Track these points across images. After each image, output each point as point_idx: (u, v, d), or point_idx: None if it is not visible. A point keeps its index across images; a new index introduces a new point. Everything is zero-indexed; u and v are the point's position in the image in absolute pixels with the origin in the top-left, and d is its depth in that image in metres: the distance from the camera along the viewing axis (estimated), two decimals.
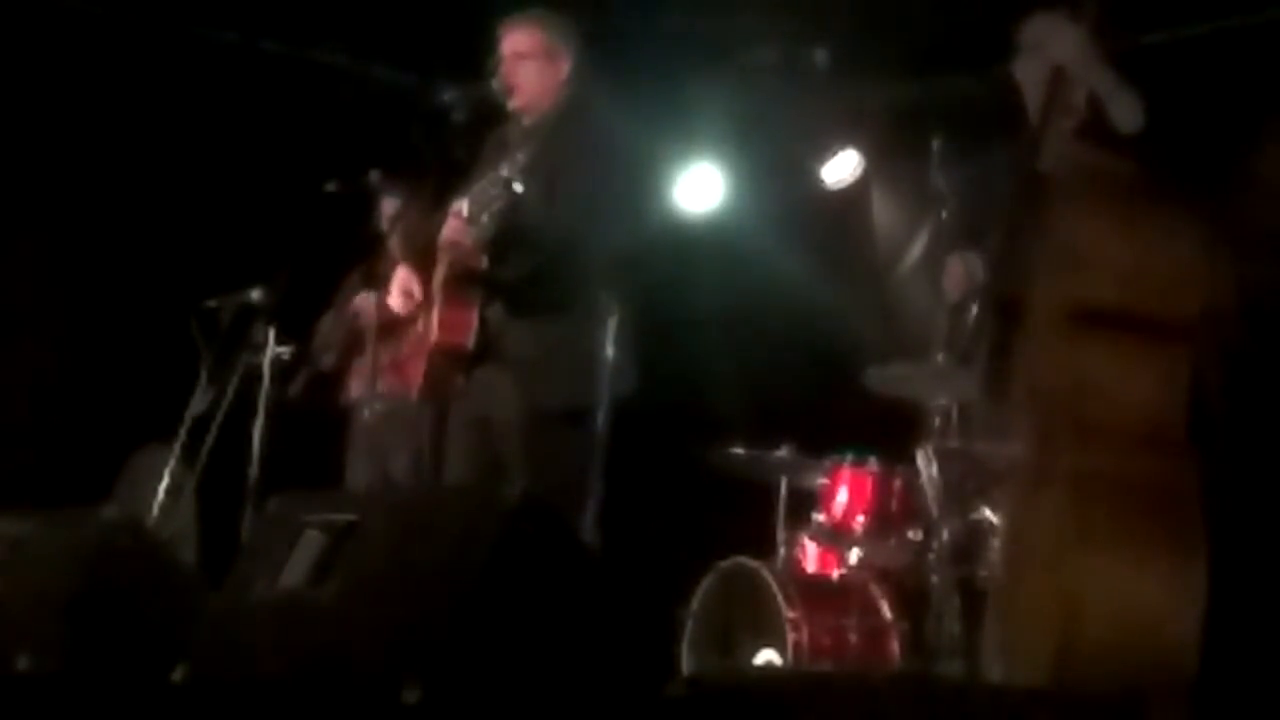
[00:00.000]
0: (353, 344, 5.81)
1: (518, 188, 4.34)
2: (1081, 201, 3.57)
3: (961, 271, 4.09)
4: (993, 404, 4.01)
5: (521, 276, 4.53)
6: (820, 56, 6.73)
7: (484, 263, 4.54)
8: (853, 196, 7.14)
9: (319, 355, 5.90)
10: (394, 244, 5.41)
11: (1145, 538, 3.37)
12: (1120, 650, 3.30)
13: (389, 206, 5.90)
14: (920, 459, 4.96)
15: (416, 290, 4.80)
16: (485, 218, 4.40)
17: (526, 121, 4.77)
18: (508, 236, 4.45)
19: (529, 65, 4.73)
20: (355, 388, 5.78)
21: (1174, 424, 3.46)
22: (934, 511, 4.92)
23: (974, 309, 3.95)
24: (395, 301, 4.87)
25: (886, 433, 5.47)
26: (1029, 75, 3.95)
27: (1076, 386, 3.49)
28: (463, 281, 4.58)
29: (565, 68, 4.76)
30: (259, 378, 5.50)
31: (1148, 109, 3.75)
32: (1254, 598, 3.64)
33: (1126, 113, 3.75)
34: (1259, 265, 3.85)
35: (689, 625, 5.47)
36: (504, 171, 4.36)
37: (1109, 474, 3.42)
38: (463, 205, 4.52)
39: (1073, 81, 3.79)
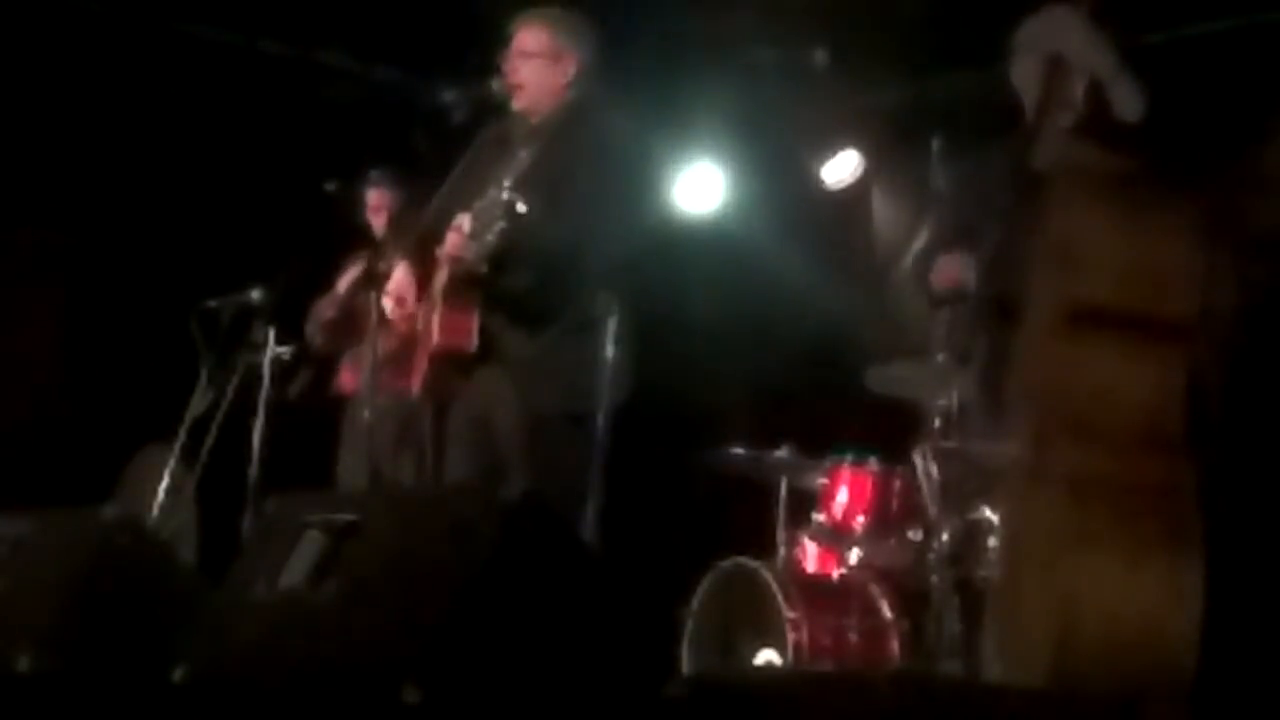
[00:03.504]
0: (342, 333, 5.82)
1: (520, 209, 4.33)
2: (1078, 200, 3.57)
3: (953, 269, 4.08)
4: (991, 404, 4.01)
5: (522, 286, 4.53)
6: (820, 56, 6.73)
7: (484, 270, 4.53)
8: (853, 196, 7.14)
9: (310, 339, 5.91)
10: (392, 242, 5.42)
11: (1142, 537, 3.37)
12: (1117, 650, 3.30)
13: (374, 198, 5.93)
14: (917, 459, 4.96)
15: (410, 299, 4.79)
16: (488, 236, 4.39)
17: (531, 121, 4.77)
18: (510, 251, 4.44)
19: (532, 64, 4.73)
20: (349, 381, 5.78)
21: (1171, 423, 3.45)
22: (932, 512, 4.92)
23: (971, 309, 3.95)
24: (388, 306, 4.86)
25: (886, 433, 5.47)
26: (1025, 75, 3.95)
27: (1073, 386, 3.49)
28: (464, 286, 4.58)
29: (570, 69, 4.74)
30: (259, 378, 5.50)
31: (1150, 100, 3.74)
32: (1254, 598, 3.64)
33: (1129, 99, 3.74)
34: (1259, 265, 3.85)
35: (689, 625, 5.46)
36: (505, 192, 4.35)
37: (1105, 474, 3.41)
38: (465, 220, 4.51)
39: (1070, 73, 3.78)
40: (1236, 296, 3.76)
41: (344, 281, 5.94)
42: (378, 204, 5.96)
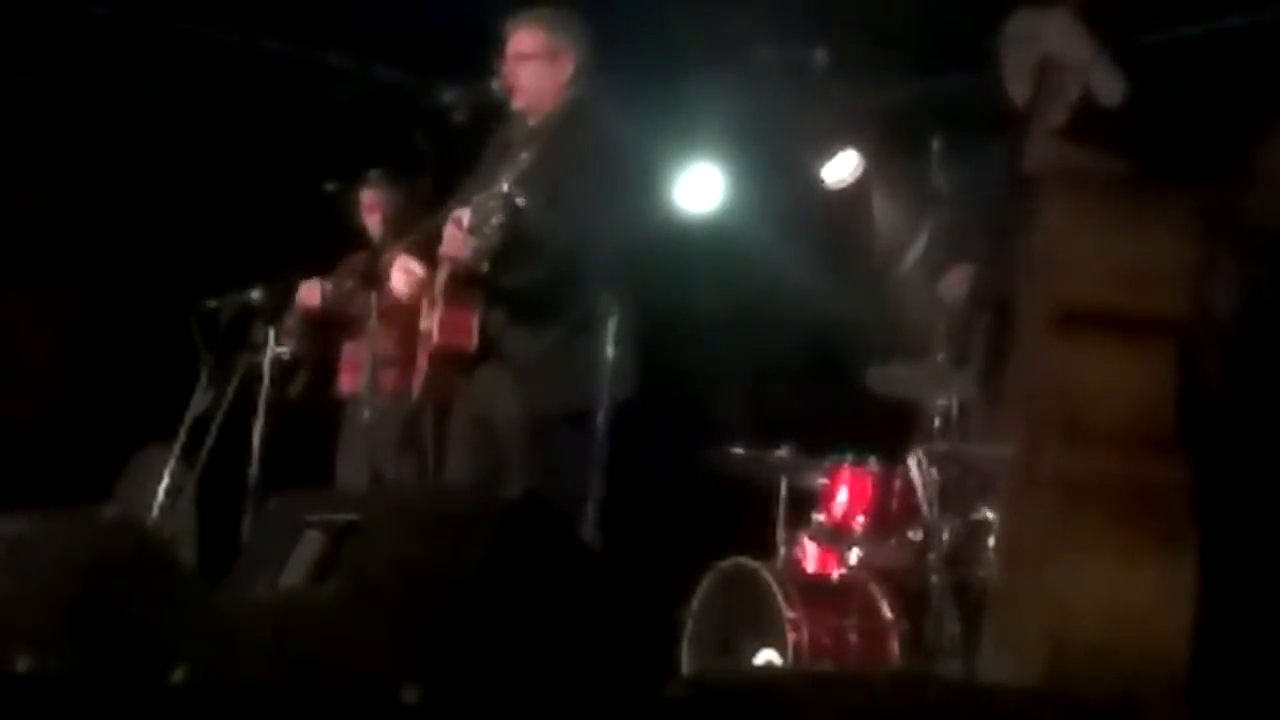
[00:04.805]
0: (322, 337, 5.81)
1: (520, 202, 4.33)
2: (1067, 201, 3.57)
3: (964, 279, 4.09)
4: (990, 405, 4.02)
5: (523, 284, 4.53)
6: (820, 57, 6.73)
7: (485, 268, 4.53)
8: (853, 196, 7.14)
9: (285, 345, 5.89)
10: (389, 241, 5.42)
11: (1134, 537, 3.38)
12: (1111, 649, 3.31)
13: (368, 198, 5.92)
14: (912, 462, 4.97)
15: (416, 267, 4.77)
16: (486, 230, 4.39)
17: (531, 122, 4.78)
18: (509, 247, 4.44)
19: (531, 65, 4.73)
20: (348, 382, 5.78)
21: (1162, 423, 3.46)
22: (928, 514, 4.93)
23: (969, 310, 3.96)
24: (396, 281, 4.84)
25: (886, 433, 5.47)
26: (1015, 77, 3.95)
27: (1064, 387, 3.49)
28: (464, 284, 4.58)
29: (568, 69, 4.75)
30: (259, 378, 5.51)
31: (1133, 89, 3.74)
32: (1253, 597, 3.64)
33: (1106, 84, 3.73)
34: (1259, 265, 3.85)
35: (689, 625, 5.47)
36: (504, 186, 4.35)
37: (1097, 474, 3.42)
38: (464, 215, 4.51)
39: (1063, 72, 3.78)
40: (1237, 296, 3.76)
41: (300, 295, 5.89)
42: (372, 205, 5.95)
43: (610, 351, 4.48)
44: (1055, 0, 3.79)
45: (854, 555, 5.46)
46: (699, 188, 7.41)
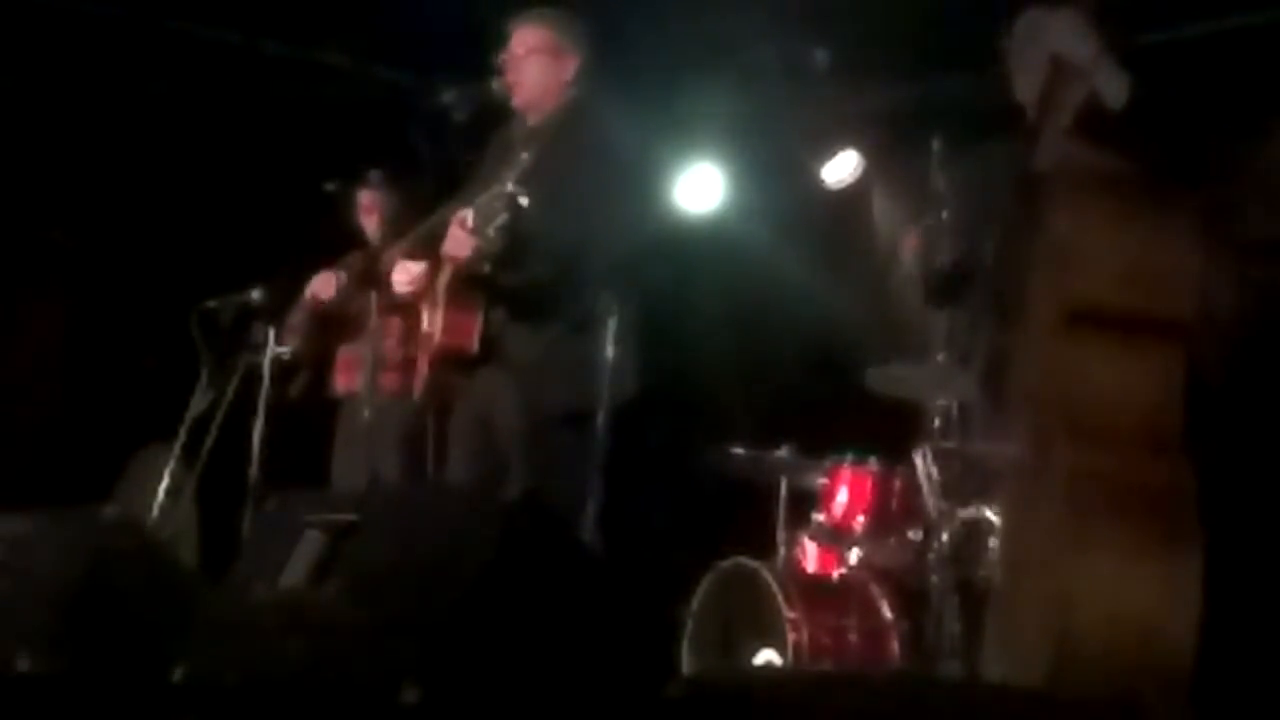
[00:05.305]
0: (325, 334, 5.80)
1: (523, 202, 4.33)
2: (1077, 200, 3.57)
3: (919, 240, 4.10)
4: (991, 404, 4.02)
5: (524, 284, 4.53)
6: (820, 57, 6.72)
7: (487, 269, 4.53)
8: (853, 196, 7.13)
9: (289, 342, 5.89)
10: (387, 242, 5.42)
11: (1140, 538, 3.37)
12: (1115, 651, 3.30)
13: (365, 199, 5.91)
14: (917, 459, 4.96)
15: (416, 271, 4.77)
16: (490, 231, 4.39)
17: (531, 121, 4.78)
18: (512, 247, 4.44)
19: (533, 63, 4.74)
20: (342, 383, 5.77)
21: (1169, 423, 3.45)
22: (932, 512, 4.93)
23: (970, 308, 3.96)
24: (398, 283, 4.84)
25: (886, 433, 5.47)
26: (1020, 76, 3.95)
27: (1072, 386, 3.49)
28: (466, 285, 4.58)
29: (570, 68, 4.76)
30: (259, 378, 5.50)
31: (1137, 91, 3.74)
32: (1253, 598, 3.64)
33: (1110, 86, 3.73)
34: (1259, 266, 3.85)
35: (689, 625, 5.47)
36: (508, 185, 4.35)
37: (1104, 474, 3.41)
38: (467, 215, 4.51)
39: (1071, 70, 3.78)
40: (1236, 297, 3.76)
41: (312, 288, 5.88)
42: (369, 205, 5.94)
43: (610, 351, 4.48)
44: (1063, 0, 3.79)
45: (854, 555, 5.45)
46: (699, 188, 7.40)
